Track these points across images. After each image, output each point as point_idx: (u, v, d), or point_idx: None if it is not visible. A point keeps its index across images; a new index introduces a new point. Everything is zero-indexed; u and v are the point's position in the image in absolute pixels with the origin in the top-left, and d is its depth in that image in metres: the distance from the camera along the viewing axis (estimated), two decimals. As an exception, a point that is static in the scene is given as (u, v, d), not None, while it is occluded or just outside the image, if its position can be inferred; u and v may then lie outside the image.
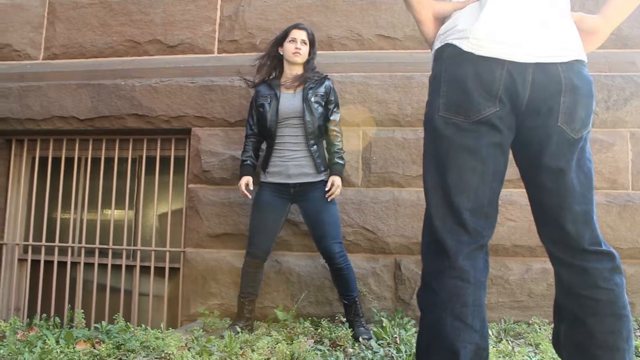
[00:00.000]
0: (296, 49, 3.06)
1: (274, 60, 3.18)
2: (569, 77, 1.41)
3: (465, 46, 1.42)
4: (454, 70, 1.44)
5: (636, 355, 2.51)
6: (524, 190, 3.35)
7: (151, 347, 2.46)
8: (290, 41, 3.08)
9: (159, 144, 3.81)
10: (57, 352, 2.22)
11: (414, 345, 2.42)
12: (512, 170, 3.36)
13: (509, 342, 2.71)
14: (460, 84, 1.42)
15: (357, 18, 3.71)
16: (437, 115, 1.45)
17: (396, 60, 3.58)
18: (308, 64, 3.15)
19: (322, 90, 3.06)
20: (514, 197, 3.34)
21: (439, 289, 1.40)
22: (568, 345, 1.48)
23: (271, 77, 3.19)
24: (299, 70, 3.12)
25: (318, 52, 3.62)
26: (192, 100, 3.66)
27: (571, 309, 1.47)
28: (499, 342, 2.70)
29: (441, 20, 1.58)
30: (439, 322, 1.37)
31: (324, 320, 3.10)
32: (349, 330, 2.85)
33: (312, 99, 3.01)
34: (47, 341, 2.33)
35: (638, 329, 3.07)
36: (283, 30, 3.19)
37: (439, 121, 1.45)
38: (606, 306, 1.42)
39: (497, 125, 1.43)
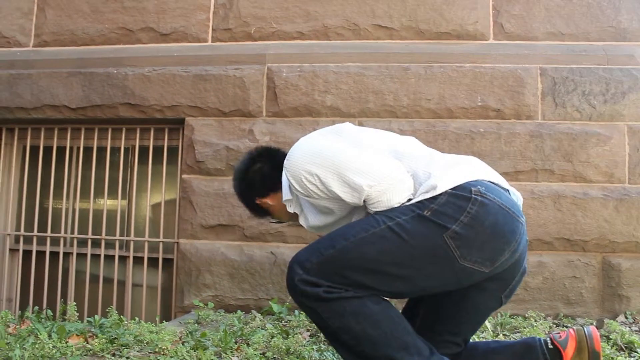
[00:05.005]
0: None
1: None
2: None
3: None
4: None
5: (632, 350, 2.52)
6: (520, 183, 3.35)
7: (145, 341, 2.43)
8: None
9: (152, 134, 3.76)
10: (49, 347, 2.19)
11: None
12: (509, 163, 3.37)
13: (505, 336, 2.70)
14: None
15: (353, 7, 3.65)
16: None
17: (392, 51, 3.54)
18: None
19: None
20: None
21: None
22: None
23: None
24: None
25: (314, 42, 3.59)
26: (185, 90, 3.60)
27: None
28: (496, 336, 2.70)
29: None
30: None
31: (318, 313, 3.08)
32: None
33: None
34: (39, 335, 2.30)
35: (633, 323, 3.08)
36: None
37: None
38: None
39: None
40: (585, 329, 1.68)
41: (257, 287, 3.31)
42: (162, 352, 2.26)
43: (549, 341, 1.69)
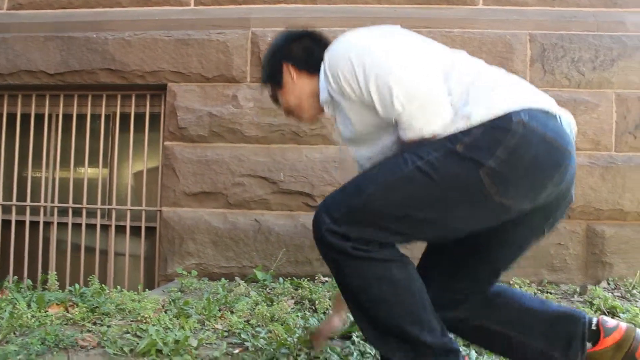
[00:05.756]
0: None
1: None
2: None
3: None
4: None
5: (614, 315, 2.54)
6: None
7: (127, 310, 2.39)
8: None
9: (133, 100, 3.66)
10: (28, 316, 2.14)
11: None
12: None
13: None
14: None
15: (340, -30, 3.56)
16: None
17: (380, 15, 3.45)
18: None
19: None
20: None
21: None
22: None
23: None
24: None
25: (300, 5, 3.50)
26: (167, 55, 3.51)
27: None
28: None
29: None
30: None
31: (304, 280, 3.06)
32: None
33: None
34: (17, 305, 2.25)
35: (615, 289, 3.11)
36: None
37: None
38: None
39: None
40: (638, 331, 1.55)
41: (241, 254, 3.28)
42: (144, 321, 2.23)
43: (594, 321, 1.58)
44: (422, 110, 1.41)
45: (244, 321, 2.28)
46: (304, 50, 1.74)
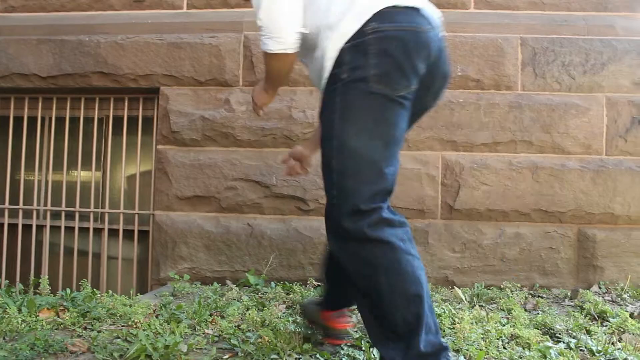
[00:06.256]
0: None
1: None
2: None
3: None
4: None
5: (604, 320, 2.54)
6: (499, 154, 3.35)
7: (118, 315, 2.39)
8: None
9: (126, 104, 3.66)
10: (18, 321, 2.14)
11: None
12: (488, 134, 3.35)
13: (482, 307, 2.71)
14: None
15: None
16: None
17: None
18: None
19: None
20: (488, 162, 3.31)
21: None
22: None
23: None
24: None
25: None
26: (160, 58, 3.51)
27: None
28: (472, 307, 2.71)
29: None
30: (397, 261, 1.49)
31: (296, 284, 3.07)
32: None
33: None
34: (7, 310, 2.25)
35: (606, 293, 3.12)
36: None
37: None
38: None
39: None
40: None
41: (233, 258, 3.28)
42: (134, 325, 2.23)
43: None
44: (269, 27, 1.64)
45: (235, 326, 2.28)
46: None
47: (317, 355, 1.95)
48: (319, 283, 3.10)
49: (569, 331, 2.33)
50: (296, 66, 3.39)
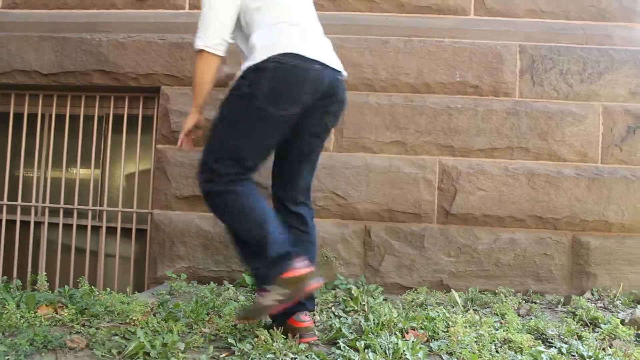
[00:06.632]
0: None
1: None
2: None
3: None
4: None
5: (596, 326, 2.57)
6: (495, 160, 3.38)
7: (116, 312, 2.41)
8: None
9: (126, 102, 3.68)
10: (17, 317, 2.16)
11: (382, 313, 2.43)
12: (485, 139, 3.38)
13: (476, 311, 2.74)
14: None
15: (334, -22, 3.60)
16: None
17: (372, 23, 3.50)
18: None
19: None
20: (485, 167, 3.34)
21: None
22: None
23: None
24: None
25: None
26: (161, 58, 3.53)
27: None
28: (466, 311, 2.74)
29: None
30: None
31: (292, 285, 3.09)
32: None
33: None
34: (6, 305, 2.27)
35: (599, 299, 3.15)
36: None
37: None
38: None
39: None
40: None
41: (230, 258, 3.30)
42: (132, 323, 2.24)
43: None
44: (200, 27, 2.15)
45: (231, 325, 2.30)
46: None
47: (314, 356, 1.97)
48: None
49: (561, 336, 2.36)
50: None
